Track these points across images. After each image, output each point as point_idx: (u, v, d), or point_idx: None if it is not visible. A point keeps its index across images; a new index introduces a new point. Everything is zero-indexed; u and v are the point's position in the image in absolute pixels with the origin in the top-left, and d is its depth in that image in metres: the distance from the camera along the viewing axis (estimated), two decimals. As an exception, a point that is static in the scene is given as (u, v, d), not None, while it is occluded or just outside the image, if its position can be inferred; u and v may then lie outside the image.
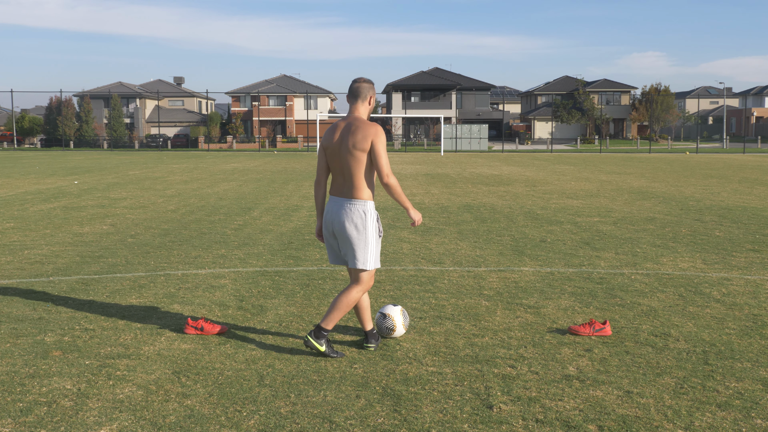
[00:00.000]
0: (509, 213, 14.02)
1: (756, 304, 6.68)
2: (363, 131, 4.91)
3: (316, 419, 4.04)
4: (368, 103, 5.13)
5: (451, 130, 65.22)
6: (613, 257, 9.08)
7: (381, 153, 4.90)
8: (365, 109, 5.11)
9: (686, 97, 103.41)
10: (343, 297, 5.03)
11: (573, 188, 20.30)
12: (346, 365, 4.94)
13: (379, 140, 4.91)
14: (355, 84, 5.11)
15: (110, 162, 38.64)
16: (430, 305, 6.60)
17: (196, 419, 4.03)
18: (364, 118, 5.08)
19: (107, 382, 4.61)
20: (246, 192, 18.93)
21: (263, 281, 7.59)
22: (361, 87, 5.10)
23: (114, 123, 75.99)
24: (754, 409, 4.19)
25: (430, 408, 4.20)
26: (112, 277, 7.83)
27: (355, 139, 4.90)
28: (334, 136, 5.03)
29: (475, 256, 9.18)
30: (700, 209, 14.72)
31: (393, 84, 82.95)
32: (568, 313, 6.36)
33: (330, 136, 5.07)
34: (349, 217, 4.94)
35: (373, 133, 4.91)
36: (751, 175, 26.81)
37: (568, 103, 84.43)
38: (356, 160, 4.91)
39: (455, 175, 26.22)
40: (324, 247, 9.80)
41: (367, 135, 4.90)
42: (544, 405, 4.24)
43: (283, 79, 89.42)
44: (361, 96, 5.09)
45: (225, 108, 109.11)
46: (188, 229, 11.69)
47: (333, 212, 5.02)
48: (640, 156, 49.30)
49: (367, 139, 4.89)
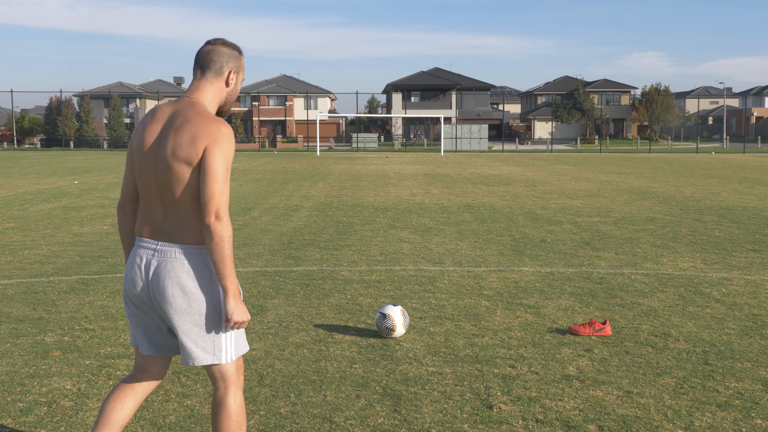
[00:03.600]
0: (509, 213, 14.02)
1: (756, 304, 6.68)
2: (195, 129, 2.81)
3: (316, 419, 4.04)
4: (224, 81, 3.00)
5: (451, 130, 65.23)
6: (613, 257, 9.08)
7: (216, 171, 2.77)
8: (216, 90, 2.99)
9: (686, 97, 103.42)
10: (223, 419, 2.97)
11: (573, 188, 20.30)
12: (346, 365, 4.94)
13: (218, 149, 2.79)
14: (206, 47, 3.00)
15: (110, 162, 38.64)
16: (430, 305, 6.60)
17: (196, 419, 4.04)
18: (211, 108, 2.99)
19: (107, 382, 4.61)
20: (246, 192, 18.94)
21: (263, 281, 7.59)
22: (216, 52, 2.98)
23: (114, 123, 76.00)
24: (754, 409, 4.19)
25: (430, 408, 4.20)
26: (112, 277, 7.83)
27: (177, 142, 2.81)
28: (149, 129, 2.93)
29: (475, 256, 9.18)
30: (700, 209, 14.72)
31: (393, 84, 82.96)
32: (568, 313, 6.36)
33: (141, 131, 2.96)
34: (178, 276, 2.85)
35: (212, 135, 2.80)
36: (751, 175, 26.82)
37: (568, 103, 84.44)
38: (180, 181, 2.82)
39: (455, 175, 26.22)
40: (323, 247, 9.80)
41: (198, 136, 2.79)
42: (544, 405, 4.24)
43: (283, 79, 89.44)
44: (212, 66, 2.97)
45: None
46: (188, 229, 11.69)
47: (144, 267, 2.91)
48: (640, 156, 49.31)
49: (197, 142, 2.79)
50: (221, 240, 2.77)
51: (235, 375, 3.00)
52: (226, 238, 2.78)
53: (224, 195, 2.78)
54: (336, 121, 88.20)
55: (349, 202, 16.13)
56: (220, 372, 2.97)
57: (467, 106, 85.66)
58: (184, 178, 2.81)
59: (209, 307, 2.88)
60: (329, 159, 43.49)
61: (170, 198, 2.84)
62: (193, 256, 2.87)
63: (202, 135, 2.79)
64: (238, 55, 3.02)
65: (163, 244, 2.88)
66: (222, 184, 2.77)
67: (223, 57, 2.97)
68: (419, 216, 13.48)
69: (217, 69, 2.96)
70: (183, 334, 2.89)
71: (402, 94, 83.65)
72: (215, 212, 2.76)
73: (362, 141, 66.02)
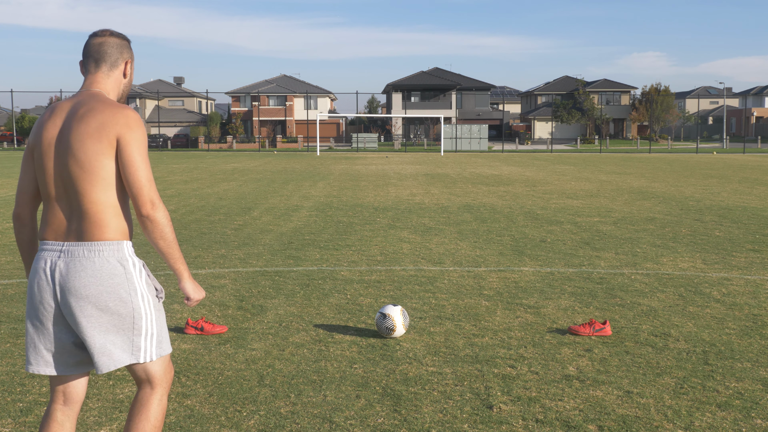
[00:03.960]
0: (509, 213, 14.02)
1: (756, 304, 6.68)
2: (101, 117, 2.71)
3: (316, 419, 4.04)
4: (121, 72, 2.92)
5: (451, 130, 65.23)
6: (613, 257, 9.08)
7: (137, 160, 2.71)
8: (115, 82, 2.91)
9: (686, 97, 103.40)
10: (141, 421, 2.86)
11: (573, 188, 20.30)
12: (346, 365, 4.94)
13: (133, 137, 2.72)
14: (96, 39, 2.89)
15: (110, 162, 38.59)
16: (430, 305, 6.60)
17: (196, 419, 4.04)
18: (112, 97, 2.91)
19: (107, 382, 4.61)
20: (246, 192, 18.94)
21: (263, 281, 7.59)
22: (108, 44, 2.88)
23: (114, 123, 75.96)
24: (754, 409, 4.19)
25: (430, 408, 4.20)
26: (112, 277, 7.82)
27: (83, 131, 2.70)
28: (49, 124, 2.79)
29: (475, 256, 9.18)
30: (700, 209, 14.72)
31: (393, 84, 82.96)
32: (568, 313, 6.36)
33: (39, 129, 2.81)
34: (95, 277, 2.70)
35: (123, 123, 2.71)
36: (751, 175, 26.82)
37: (568, 103, 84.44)
38: (87, 171, 2.69)
39: (455, 175, 26.22)
40: (323, 247, 9.80)
41: (106, 123, 2.70)
42: (544, 405, 4.24)
43: (283, 79, 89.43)
44: (107, 59, 2.88)
45: (225, 108, 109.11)
46: (188, 229, 11.70)
47: (49, 271, 2.74)
48: (640, 156, 49.30)
49: (107, 132, 2.69)
50: (164, 226, 2.74)
51: (162, 376, 2.88)
52: (167, 222, 2.75)
53: (152, 181, 2.73)
54: (336, 121, 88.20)
55: (349, 202, 16.13)
56: (145, 372, 2.84)
57: (467, 106, 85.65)
58: (93, 168, 2.68)
59: (125, 307, 2.73)
60: (329, 159, 43.49)
61: (77, 193, 2.70)
62: (103, 253, 2.71)
63: (111, 122, 2.70)
64: (128, 45, 2.96)
65: (70, 244, 2.72)
66: (146, 171, 2.72)
67: (116, 48, 2.89)
68: (419, 216, 13.48)
69: (112, 61, 2.88)
70: (98, 336, 2.71)
71: (402, 94, 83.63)
72: (150, 201, 2.70)
73: (362, 141, 66.02)
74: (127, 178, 2.69)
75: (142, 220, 2.72)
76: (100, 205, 2.71)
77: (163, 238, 2.75)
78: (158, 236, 2.74)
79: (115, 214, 2.73)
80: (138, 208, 2.70)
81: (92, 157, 2.68)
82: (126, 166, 2.69)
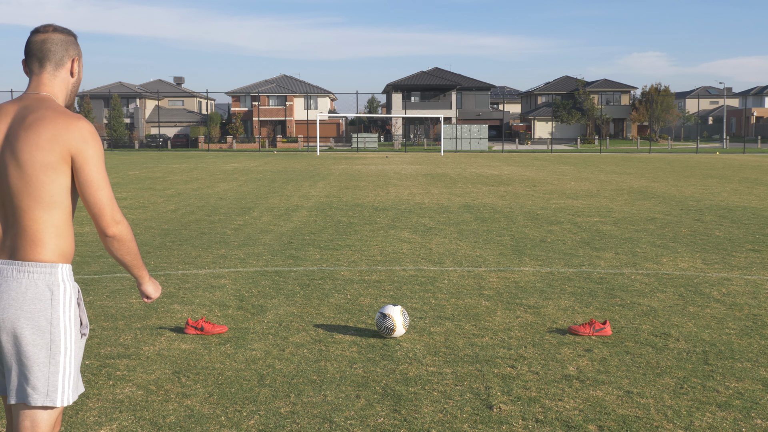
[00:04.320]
0: (509, 213, 14.02)
1: (756, 304, 6.68)
2: (53, 128, 2.49)
3: (316, 419, 4.04)
4: (68, 71, 2.67)
5: (451, 130, 65.22)
6: (613, 257, 9.08)
7: (97, 179, 2.53)
8: (62, 83, 2.66)
9: (686, 97, 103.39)
10: None
11: (573, 188, 20.30)
12: (346, 365, 4.94)
13: (90, 153, 2.51)
14: (38, 36, 2.63)
15: (110, 162, 38.64)
16: (430, 305, 6.60)
17: (196, 419, 4.04)
18: (60, 102, 2.65)
19: (107, 382, 4.61)
20: (246, 192, 18.94)
21: (263, 281, 7.59)
22: (51, 41, 2.63)
23: (114, 123, 76.01)
24: (754, 409, 4.19)
25: (430, 408, 4.20)
26: (112, 277, 7.83)
27: (31, 142, 2.47)
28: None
29: (475, 256, 9.18)
30: (700, 209, 14.72)
31: (393, 84, 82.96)
32: (568, 313, 6.36)
33: None
34: (17, 300, 2.48)
35: (77, 137, 2.50)
36: (751, 175, 26.82)
37: (568, 103, 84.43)
38: (31, 186, 2.47)
39: (455, 175, 26.22)
40: (323, 247, 9.80)
41: (59, 137, 2.48)
42: (544, 405, 4.24)
43: (283, 79, 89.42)
44: (51, 58, 2.63)
45: (225, 108, 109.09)
46: (188, 229, 11.70)
47: None
48: (640, 156, 49.31)
49: (59, 145, 2.48)
50: (129, 241, 2.61)
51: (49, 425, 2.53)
52: (131, 236, 2.62)
53: (113, 199, 2.56)
54: (336, 121, 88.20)
55: (349, 202, 16.13)
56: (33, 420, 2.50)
57: (467, 106, 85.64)
58: (38, 183, 2.45)
59: (42, 337, 2.47)
60: (329, 159, 43.49)
61: (16, 208, 2.47)
62: (33, 275, 2.48)
63: (63, 137, 2.47)
64: (74, 40, 2.69)
65: (1, 262, 2.50)
66: (107, 189, 2.54)
67: (60, 45, 2.63)
68: (419, 216, 13.48)
69: (57, 59, 2.62)
70: (16, 365, 2.48)
71: (402, 94, 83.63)
72: (113, 220, 2.54)
73: (362, 141, 66.01)
74: (87, 198, 2.51)
75: (108, 240, 2.57)
76: (42, 223, 2.48)
77: (129, 253, 2.63)
78: (125, 252, 2.62)
79: (56, 234, 2.51)
80: (102, 229, 2.54)
81: (39, 171, 2.45)
82: (85, 186, 2.50)
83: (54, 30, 2.64)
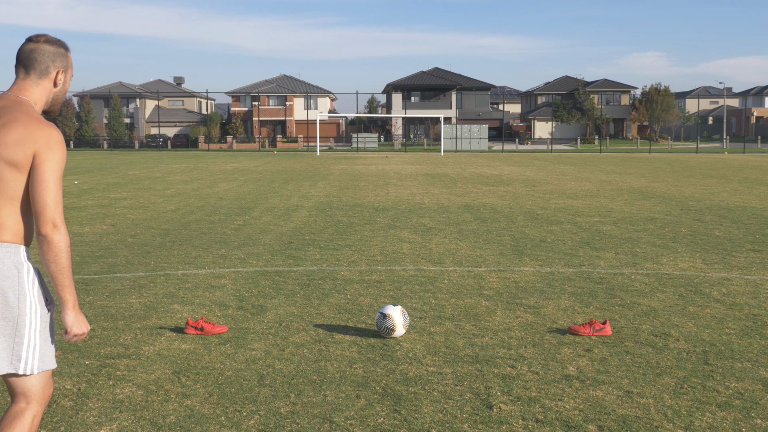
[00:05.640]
0: (509, 213, 14.02)
1: (756, 304, 6.68)
2: (23, 130, 2.68)
3: (316, 419, 4.04)
4: (52, 81, 2.86)
5: (451, 130, 65.23)
6: (613, 257, 9.08)
7: (48, 180, 2.68)
8: (44, 91, 2.85)
9: (686, 97, 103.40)
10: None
11: (573, 188, 20.31)
12: (346, 365, 4.94)
13: (50, 156, 2.69)
14: (29, 45, 2.83)
15: (110, 162, 38.64)
16: (430, 305, 6.60)
17: (196, 419, 4.04)
18: (38, 108, 2.85)
19: (107, 382, 4.61)
20: (246, 192, 18.94)
21: (263, 281, 7.60)
22: (40, 51, 2.82)
23: (114, 123, 76.01)
24: (754, 409, 4.19)
25: (430, 408, 4.20)
26: (112, 277, 7.83)
27: (4, 140, 2.68)
28: None
29: (475, 256, 9.18)
30: (700, 209, 14.72)
31: (393, 84, 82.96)
32: (568, 313, 6.36)
33: None
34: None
35: (42, 141, 2.69)
36: (751, 175, 26.82)
37: (568, 103, 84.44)
38: None
39: (455, 175, 26.22)
40: (323, 247, 9.80)
41: (27, 139, 2.67)
42: (544, 405, 4.24)
43: (283, 79, 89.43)
44: (36, 67, 2.82)
45: (225, 108, 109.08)
46: (188, 229, 11.70)
47: None
48: (640, 156, 49.31)
49: (26, 145, 2.67)
50: (60, 250, 2.69)
51: (39, 392, 2.79)
52: (65, 247, 2.70)
53: (59, 204, 2.68)
54: (336, 121, 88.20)
55: (349, 202, 16.13)
56: (22, 385, 2.76)
57: (467, 106, 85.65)
58: (6, 179, 2.67)
59: (10, 311, 2.68)
60: (329, 159, 43.50)
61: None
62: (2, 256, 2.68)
63: (31, 139, 2.67)
64: (64, 53, 2.87)
65: None
66: (56, 193, 2.68)
67: (48, 56, 2.82)
68: (419, 216, 13.48)
69: (42, 69, 2.82)
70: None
71: (402, 94, 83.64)
72: (51, 222, 2.66)
73: (362, 141, 66.02)
74: (33, 195, 2.66)
75: (40, 239, 2.67)
76: (3, 211, 2.68)
77: (56, 262, 2.70)
78: (51, 259, 2.69)
79: (16, 221, 2.71)
80: (38, 227, 2.67)
81: (4, 168, 2.66)
82: (35, 183, 2.66)
83: (45, 41, 2.82)
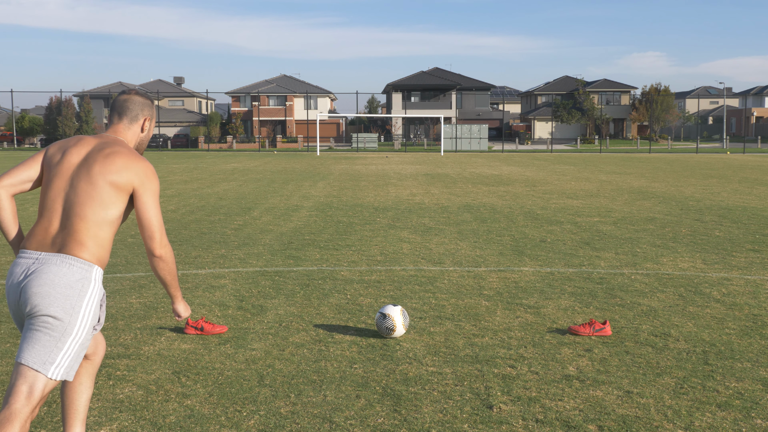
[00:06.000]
0: (509, 213, 14.02)
1: (756, 304, 6.68)
2: (126, 161, 3.14)
3: (316, 419, 4.04)
4: (140, 127, 3.37)
5: (451, 130, 65.22)
6: (613, 257, 9.08)
7: (152, 207, 3.14)
8: (133, 135, 3.35)
9: (686, 97, 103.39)
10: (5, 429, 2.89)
11: (573, 188, 20.31)
12: (346, 365, 4.94)
13: (149, 186, 3.15)
14: (123, 96, 3.36)
15: (110, 162, 38.60)
16: (430, 305, 6.60)
17: (196, 419, 4.04)
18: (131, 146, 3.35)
19: (107, 382, 4.61)
20: (246, 192, 18.94)
21: (263, 281, 7.60)
22: (131, 102, 3.34)
23: (114, 123, 75.95)
24: (754, 409, 4.19)
25: (430, 408, 4.20)
26: (112, 277, 7.83)
27: (107, 165, 3.10)
28: (73, 150, 3.18)
29: (475, 256, 9.18)
30: (700, 209, 14.72)
31: (393, 84, 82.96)
32: (568, 313, 6.36)
33: (65, 147, 3.21)
34: (53, 281, 2.95)
35: (142, 172, 3.14)
36: (751, 175, 26.82)
37: (568, 103, 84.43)
38: (95, 197, 3.06)
39: (455, 175, 26.22)
40: (323, 247, 9.80)
41: (129, 167, 3.12)
42: (544, 405, 4.24)
43: (283, 79, 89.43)
44: (128, 114, 3.33)
45: (225, 108, 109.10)
46: (188, 229, 11.70)
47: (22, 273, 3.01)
48: (640, 156, 49.31)
49: (128, 173, 3.11)
50: (171, 263, 3.22)
51: (42, 396, 2.94)
52: (173, 259, 3.23)
53: (163, 226, 3.18)
54: (336, 121, 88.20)
55: (349, 202, 16.13)
56: (37, 384, 2.91)
57: (467, 106, 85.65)
58: (102, 200, 3.06)
59: (63, 317, 2.94)
60: (329, 159, 43.50)
61: (76, 215, 3.03)
62: (72, 267, 2.99)
63: (133, 168, 3.12)
64: (150, 104, 3.41)
65: (47, 255, 3.01)
66: (159, 217, 3.16)
67: (138, 106, 3.34)
68: (419, 216, 13.48)
69: (133, 116, 3.33)
70: (30, 326, 2.95)
71: (402, 94, 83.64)
72: (161, 243, 3.15)
73: (362, 141, 66.02)
74: (142, 222, 3.14)
75: (155, 260, 3.17)
76: (92, 228, 3.04)
77: (171, 273, 3.24)
78: (166, 272, 3.22)
79: (98, 244, 3.06)
80: (152, 249, 3.15)
81: (106, 189, 3.07)
82: (142, 211, 3.13)
83: (136, 93, 3.37)
